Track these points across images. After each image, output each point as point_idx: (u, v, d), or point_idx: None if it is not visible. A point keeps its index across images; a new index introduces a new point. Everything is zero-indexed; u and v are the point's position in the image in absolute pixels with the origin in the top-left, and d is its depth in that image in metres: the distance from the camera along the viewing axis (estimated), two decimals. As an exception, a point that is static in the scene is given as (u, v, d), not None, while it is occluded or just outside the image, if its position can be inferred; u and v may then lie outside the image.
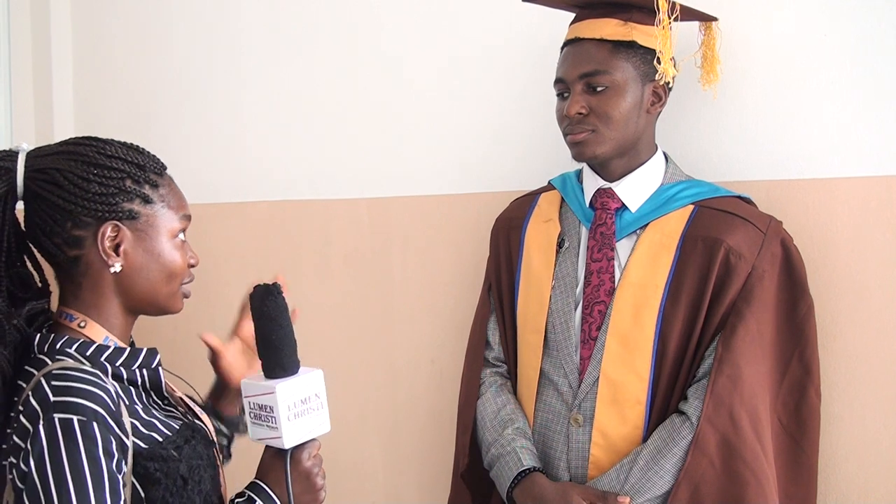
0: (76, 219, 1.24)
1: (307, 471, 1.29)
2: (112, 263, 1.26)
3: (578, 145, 1.69)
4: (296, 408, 1.25)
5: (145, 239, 1.28)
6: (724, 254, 1.62)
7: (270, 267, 2.42)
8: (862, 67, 1.75)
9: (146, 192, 1.28)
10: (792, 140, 1.81)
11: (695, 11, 1.74)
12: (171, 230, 1.30)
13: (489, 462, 1.76)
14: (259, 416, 1.25)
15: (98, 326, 1.28)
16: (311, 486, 1.30)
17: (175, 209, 1.31)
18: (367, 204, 2.33)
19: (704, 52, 1.81)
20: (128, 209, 1.26)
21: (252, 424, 1.27)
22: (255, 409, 1.25)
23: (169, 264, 1.30)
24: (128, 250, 1.27)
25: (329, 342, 2.40)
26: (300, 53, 2.41)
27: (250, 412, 1.26)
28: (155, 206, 1.29)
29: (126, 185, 1.26)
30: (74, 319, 1.27)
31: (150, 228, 1.28)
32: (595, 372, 1.66)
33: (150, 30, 2.65)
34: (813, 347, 1.69)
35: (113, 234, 1.25)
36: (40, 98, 2.74)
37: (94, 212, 1.24)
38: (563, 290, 1.74)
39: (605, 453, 1.65)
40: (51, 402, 1.15)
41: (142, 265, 1.28)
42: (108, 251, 1.25)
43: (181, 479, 1.23)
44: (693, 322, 1.62)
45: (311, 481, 1.29)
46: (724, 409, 1.57)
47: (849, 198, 1.76)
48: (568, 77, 1.69)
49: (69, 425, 1.13)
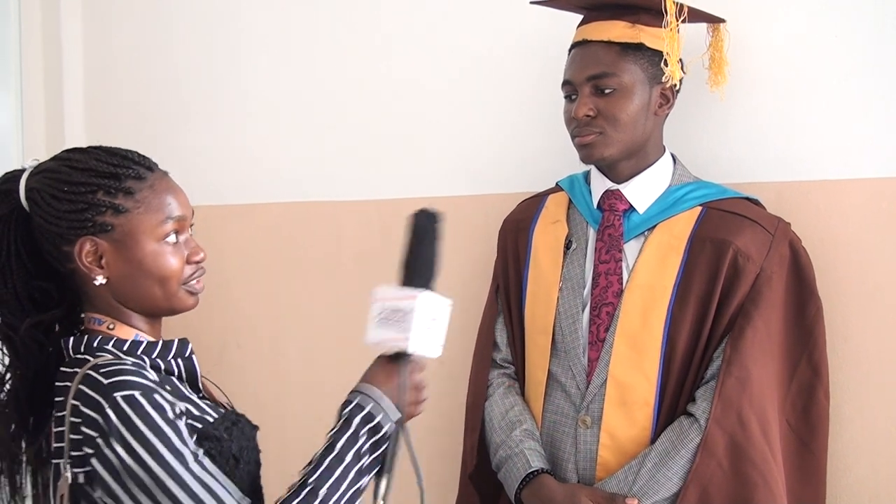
0: (60, 236, 1.26)
1: (417, 382, 1.31)
2: (95, 277, 1.27)
3: (586, 147, 1.69)
4: (426, 320, 1.30)
5: (123, 249, 1.27)
6: (732, 255, 1.62)
7: (280, 269, 2.43)
8: (871, 68, 1.74)
9: (119, 201, 1.26)
10: (801, 141, 1.81)
11: (702, 13, 1.74)
12: (155, 235, 1.28)
13: (497, 464, 1.76)
14: (388, 318, 1.29)
15: (126, 327, 1.30)
16: (417, 397, 1.32)
17: (158, 212, 1.29)
18: (376, 205, 2.33)
19: (712, 53, 1.81)
20: (100, 222, 1.25)
21: (376, 326, 1.30)
22: (385, 312, 1.30)
23: (155, 270, 1.28)
24: (109, 262, 1.27)
25: (339, 343, 2.40)
26: (310, 56, 2.41)
27: (379, 314, 1.30)
28: (130, 215, 1.27)
29: (97, 199, 1.25)
30: (102, 323, 1.30)
31: (128, 238, 1.27)
32: (603, 373, 1.66)
33: (159, 35, 2.67)
34: (822, 349, 1.69)
35: (91, 247, 1.26)
36: (51, 104, 2.76)
37: (67, 230, 1.25)
38: (571, 291, 1.74)
39: (613, 455, 1.65)
40: (106, 385, 1.19)
41: (126, 274, 1.28)
42: (89, 265, 1.26)
43: (233, 459, 1.26)
44: (701, 324, 1.62)
45: (418, 392, 1.32)
46: (733, 410, 1.57)
47: (858, 199, 1.75)
48: (576, 79, 1.69)
49: (133, 399, 1.18)
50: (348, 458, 1.24)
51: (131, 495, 1.17)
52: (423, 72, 2.25)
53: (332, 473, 1.22)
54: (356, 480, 1.25)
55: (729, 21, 1.79)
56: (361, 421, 1.26)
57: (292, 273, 2.45)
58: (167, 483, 1.16)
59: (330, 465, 1.23)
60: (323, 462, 1.23)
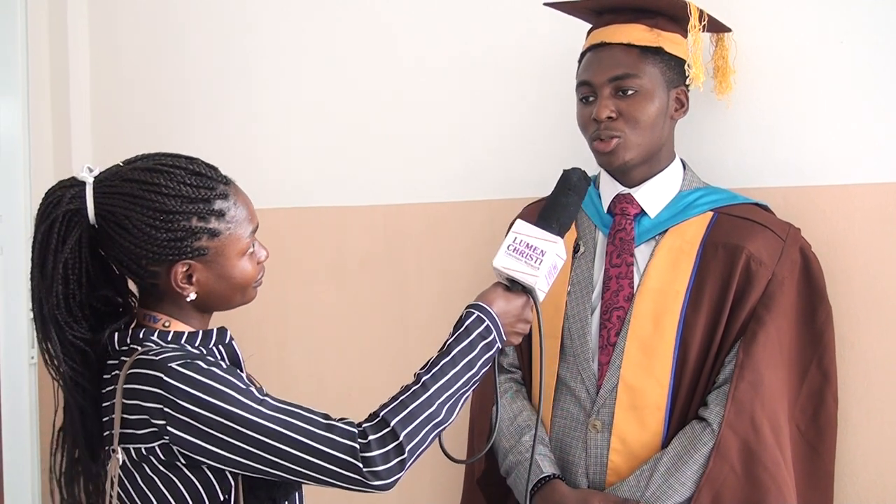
0: (149, 258, 1.29)
1: (527, 316, 1.42)
2: (187, 294, 1.31)
3: (608, 154, 1.68)
4: (552, 264, 1.39)
5: (216, 267, 1.32)
6: (745, 260, 1.62)
7: (285, 274, 2.43)
8: (879, 73, 1.74)
9: (213, 226, 1.30)
10: (809, 146, 1.81)
11: (716, 22, 1.74)
12: (241, 250, 1.34)
13: (506, 469, 1.76)
14: (523, 252, 1.38)
15: (180, 323, 1.35)
16: (523, 329, 1.42)
17: (243, 227, 1.34)
18: (382, 211, 2.33)
19: (717, 62, 1.82)
20: (197, 247, 1.29)
21: (507, 255, 1.39)
22: (520, 246, 1.38)
23: (240, 281, 1.35)
24: (200, 279, 1.32)
25: (344, 348, 2.40)
26: (315, 61, 2.42)
27: (514, 245, 1.39)
28: (222, 237, 1.31)
29: (192, 226, 1.29)
30: (158, 320, 1.34)
31: (220, 257, 1.32)
32: (614, 378, 1.66)
33: (165, 40, 2.67)
34: (831, 354, 1.69)
35: (184, 269, 1.30)
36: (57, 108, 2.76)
37: (164, 256, 1.28)
38: (579, 295, 1.73)
39: (624, 459, 1.64)
40: (158, 361, 1.24)
41: (215, 287, 1.33)
42: (181, 284, 1.31)
43: None
44: (714, 328, 1.62)
45: (525, 325, 1.42)
46: (746, 414, 1.57)
47: (865, 204, 1.75)
48: (596, 80, 1.68)
49: (188, 364, 1.24)
50: (461, 364, 1.32)
51: (220, 443, 1.21)
52: (428, 78, 2.25)
53: (445, 375, 1.30)
54: (464, 386, 1.32)
55: (738, 25, 1.79)
56: (479, 335, 1.34)
57: (298, 278, 2.45)
58: (249, 417, 1.21)
59: (444, 367, 1.31)
60: (438, 363, 1.31)
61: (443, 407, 1.29)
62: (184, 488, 1.26)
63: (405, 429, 1.24)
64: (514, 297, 1.40)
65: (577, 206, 1.43)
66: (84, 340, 1.31)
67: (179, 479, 1.25)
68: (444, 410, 1.29)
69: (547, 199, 1.46)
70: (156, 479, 1.26)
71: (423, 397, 1.27)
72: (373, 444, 1.22)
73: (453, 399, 1.31)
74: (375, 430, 1.24)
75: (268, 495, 1.30)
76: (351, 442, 1.22)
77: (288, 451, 1.21)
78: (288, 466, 1.22)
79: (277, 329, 2.48)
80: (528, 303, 1.41)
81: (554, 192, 1.45)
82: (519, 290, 1.40)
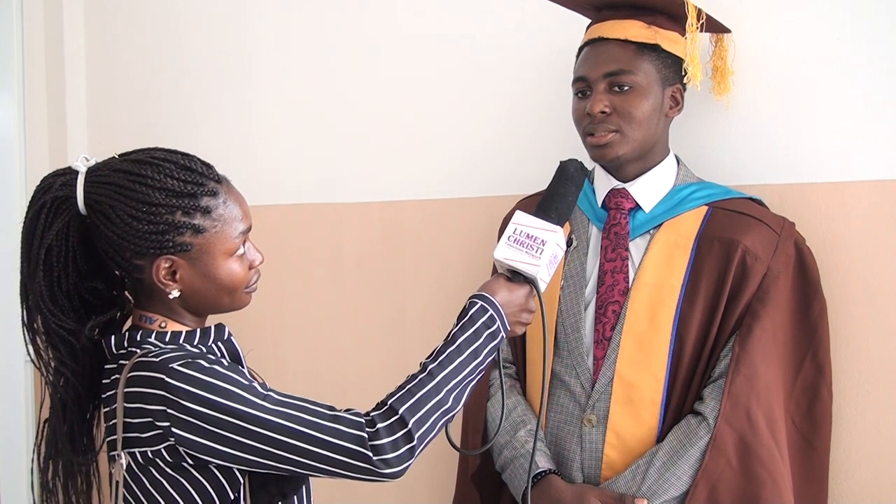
0: (133, 251, 1.27)
1: (530, 305, 1.41)
2: (170, 291, 1.29)
3: (602, 147, 1.68)
4: (553, 254, 1.40)
5: (199, 264, 1.30)
6: (740, 254, 1.62)
7: (282, 271, 2.43)
8: (874, 70, 1.75)
9: (197, 222, 1.28)
10: (804, 144, 1.81)
11: (716, 22, 1.74)
12: (228, 250, 1.31)
13: (502, 465, 1.76)
14: (523, 242, 1.39)
15: (177, 324, 1.34)
16: (526, 319, 1.43)
17: (232, 227, 1.31)
18: (378, 207, 2.33)
19: (715, 63, 1.82)
20: (179, 242, 1.27)
21: (508, 246, 1.40)
22: (520, 237, 1.39)
23: (227, 282, 1.32)
24: (184, 276, 1.30)
25: (341, 345, 2.40)
26: (312, 58, 2.42)
27: (514, 236, 1.40)
28: (207, 234, 1.29)
29: (176, 220, 1.26)
30: (154, 322, 1.33)
31: (205, 255, 1.29)
32: (609, 372, 1.66)
33: (161, 37, 2.67)
34: (826, 348, 1.69)
35: (167, 264, 1.28)
36: (53, 105, 2.75)
37: (146, 248, 1.26)
38: (573, 290, 1.74)
39: (619, 454, 1.65)
40: (159, 362, 1.22)
41: (199, 287, 1.31)
42: (164, 280, 1.29)
43: None
44: (709, 322, 1.63)
45: (528, 315, 1.42)
46: (742, 408, 1.57)
47: (860, 201, 1.76)
48: (591, 75, 1.69)
49: (190, 363, 1.22)
50: (467, 353, 1.31)
51: (227, 441, 1.20)
52: (425, 74, 2.25)
53: (451, 363, 1.30)
54: (469, 375, 1.32)
55: (733, 23, 1.80)
56: (483, 324, 1.34)
57: (294, 275, 2.45)
58: (254, 413, 1.20)
59: (450, 355, 1.31)
60: (444, 352, 1.31)
61: (450, 395, 1.29)
62: (193, 489, 1.24)
63: (414, 416, 1.24)
64: (516, 287, 1.40)
65: (575, 197, 1.44)
66: (68, 330, 1.30)
67: (188, 480, 1.24)
68: (452, 398, 1.29)
69: (545, 190, 1.47)
70: (164, 482, 1.25)
71: (430, 385, 1.27)
72: (382, 431, 1.22)
73: (460, 387, 1.30)
74: (384, 419, 1.23)
75: (278, 489, 1.29)
76: (359, 431, 1.21)
77: (296, 444, 1.20)
78: (297, 460, 1.21)
79: (274, 326, 2.48)
80: (531, 293, 1.41)
81: (552, 183, 1.45)
82: (521, 281, 1.40)
